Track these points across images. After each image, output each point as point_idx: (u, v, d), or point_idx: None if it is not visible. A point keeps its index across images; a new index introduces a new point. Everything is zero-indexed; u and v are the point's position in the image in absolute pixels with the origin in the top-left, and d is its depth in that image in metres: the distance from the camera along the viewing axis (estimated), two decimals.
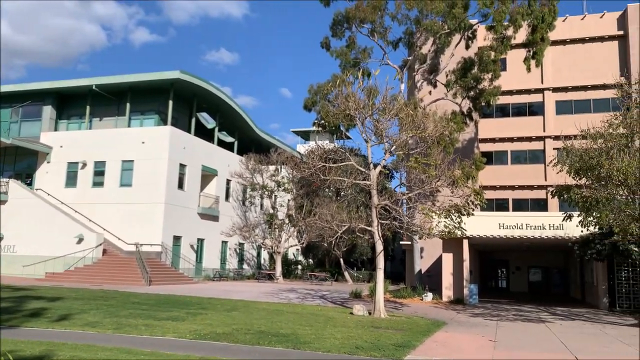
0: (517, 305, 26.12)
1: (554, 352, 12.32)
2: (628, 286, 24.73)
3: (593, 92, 38.80)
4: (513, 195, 40.25)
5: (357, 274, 46.98)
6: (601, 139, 18.45)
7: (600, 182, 17.81)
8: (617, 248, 22.02)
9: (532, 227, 26.35)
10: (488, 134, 41.08)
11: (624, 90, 19.92)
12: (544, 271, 41.02)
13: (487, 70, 31.74)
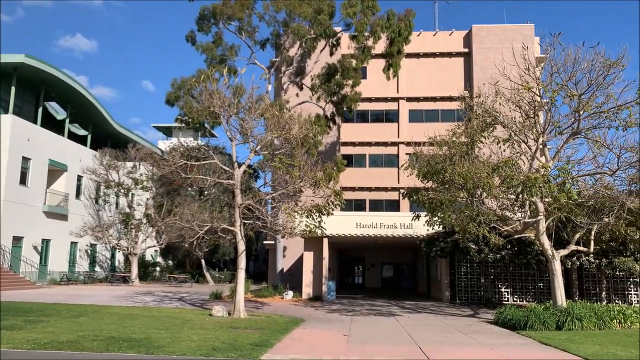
0: (371, 300, 27.64)
1: (401, 344, 13.22)
2: (466, 280, 27.43)
3: (441, 103, 42.43)
4: (370, 196, 42.54)
5: (220, 275, 46.30)
6: (446, 146, 20.23)
7: (444, 185, 19.49)
8: (458, 245, 24.32)
9: (386, 226, 28.07)
10: (349, 138, 42.96)
11: (466, 103, 22.05)
12: (396, 267, 43.96)
13: (349, 77, 33.19)
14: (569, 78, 18.46)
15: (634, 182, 19.26)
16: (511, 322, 17.09)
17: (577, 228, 20.26)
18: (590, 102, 18.06)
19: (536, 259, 24.04)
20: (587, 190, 19.81)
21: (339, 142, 41.98)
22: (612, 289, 25.96)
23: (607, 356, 11.78)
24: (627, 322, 17.53)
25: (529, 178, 17.22)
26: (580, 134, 19.20)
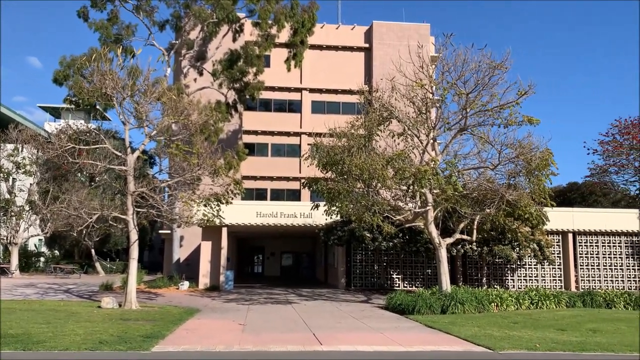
0: (270, 289, 27.78)
1: (296, 331, 13.44)
2: (361, 267, 28.41)
3: (343, 96, 43.32)
4: (272, 185, 42.58)
5: (111, 266, 44.12)
6: (345, 138, 20.74)
7: (343, 176, 20.00)
8: (354, 234, 25.09)
9: (286, 215, 28.28)
10: (252, 127, 42.60)
11: (365, 97, 22.73)
12: (295, 256, 44.49)
13: (252, 64, 32.83)
14: (459, 77, 19.65)
15: (513, 176, 20.97)
16: (401, 307, 17.99)
17: (462, 218, 21.69)
18: (477, 100, 19.36)
19: (425, 247, 25.44)
20: (471, 183, 21.27)
21: (241, 130, 41.52)
22: (492, 274, 28.17)
23: (484, 337, 12.78)
24: (503, 305, 19.13)
25: (420, 170, 18.17)
26: (467, 130, 20.54)
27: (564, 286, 28.10)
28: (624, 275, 28.68)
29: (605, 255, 28.86)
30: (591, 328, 14.67)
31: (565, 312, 18.78)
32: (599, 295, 20.68)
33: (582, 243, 28.87)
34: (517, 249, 25.07)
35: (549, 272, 28.45)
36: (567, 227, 28.30)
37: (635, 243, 28.88)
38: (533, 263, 27.70)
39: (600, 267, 28.74)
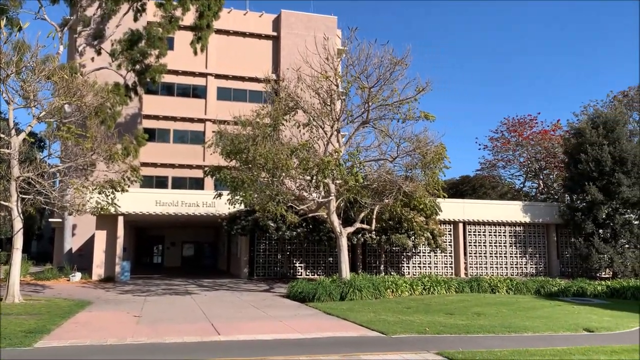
0: (169, 280, 27.00)
1: (194, 322, 13.19)
2: (265, 257, 28.43)
3: (250, 84, 42.81)
4: (174, 173, 41.22)
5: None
6: (250, 127, 20.55)
7: (247, 164, 19.81)
8: (258, 224, 24.99)
9: (188, 204, 27.55)
10: (153, 111, 40.90)
11: (271, 86, 22.64)
12: (197, 246, 43.55)
13: (154, 46, 31.46)
14: (362, 71, 20.17)
15: (410, 168, 21.94)
16: (302, 295, 18.25)
17: (363, 208, 22.38)
18: (378, 95, 20.00)
19: (327, 236, 25.96)
20: (372, 175, 21.98)
21: (141, 114, 39.75)
22: (389, 262, 29.37)
23: (378, 322, 13.31)
24: (398, 291, 20.02)
25: (323, 161, 18.48)
26: (369, 123, 21.17)
27: (454, 273, 29.95)
28: (508, 263, 31.11)
29: (491, 244, 31.11)
30: (476, 312, 15.77)
31: (454, 297, 20.03)
32: (485, 281, 22.25)
33: (471, 232, 30.89)
34: (413, 237, 26.30)
35: (441, 260, 30.17)
36: (458, 217, 30.15)
37: (518, 232, 31.39)
38: (427, 251, 29.20)
39: (487, 255, 30.96)
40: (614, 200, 27.82)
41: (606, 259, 27.45)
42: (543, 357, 9.29)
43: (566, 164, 31.46)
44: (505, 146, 41.96)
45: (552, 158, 38.92)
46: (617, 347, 10.54)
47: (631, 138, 30.15)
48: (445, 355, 9.49)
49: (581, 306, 17.93)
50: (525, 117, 41.40)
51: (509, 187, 45.61)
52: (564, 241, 31.68)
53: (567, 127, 35.16)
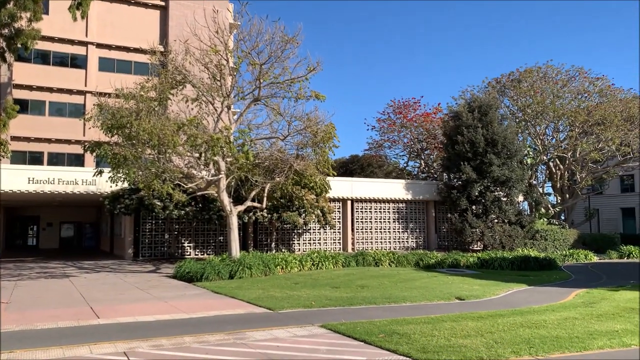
0: (45, 263, 25.13)
1: (71, 306, 12.44)
2: (151, 237, 27.42)
3: (135, 55, 40.44)
4: (50, 148, 38.11)
5: None
6: (133, 100, 19.47)
7: (130, 140, 18.81)
8: (144, 202, 23.99)
9: (65, 182, 25.71)
10: (25, 81, 37.31)
11: (157, 58, 21.58)
12: (77, 226, 40.91)
13: (25, 8, 28.52)
14: (253, 47, 19.90)
15: (301, 147, 22.18)
16: (189, 275, 17.89)
17: (254, 186, 22.31)
18: (270, 72, 19.88)
19: (218, 215, 25.58)
20: (263, 153, 21.93)
21: (12, 83, 36.14)
22: (281, 239, 29.69)
23: (266, 298, 13.45)
24: (288, 268, 20.34)
25: (213, 138, 18.08)
26: (261, 101, 21.02)
27: (342, 248, 31.01)
28: (391, 237, 32.78)
29: (377, 220, 32.56)
30: (361, 284, 16.49)
31: (341, 271, 20.77)
32: (370, 256, 23.31)
33: (358, 209, 32.09)
34: (304, 215, 26.75)
35: (331, 236, 31.08)
36: (347, 195, 31.15)
37: (401, 209, 33.12)
38: (317, 228, 29.91)
39: (373, 231, 32.37)
40: (486, 179, 30.24)
41: (478, 232, 29.88)
42: (418, 324, 9.96)
43: (445, 145, 33.57)
44: (391, 127, 43.79)
45: (433, 139, 41.31)
46: (484, 312, 11.57)
47: (502, 122, 32.78)
48: (328, 327, 9.83)
49: (455, 277, 19.42)
50: (410, 100, 43.43)
51: (394, 166, 47.81)
52: (441, 217, 33.97)
53: (447, 110, 37.46)
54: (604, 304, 12.96)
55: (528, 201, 37.82)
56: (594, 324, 10.15)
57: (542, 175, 41.15)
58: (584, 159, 36.80)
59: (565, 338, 8.84)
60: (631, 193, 45.67)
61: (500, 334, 9.11)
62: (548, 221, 35.20)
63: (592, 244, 34.41)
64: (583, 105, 36.13)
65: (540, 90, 36.16)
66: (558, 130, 38.22)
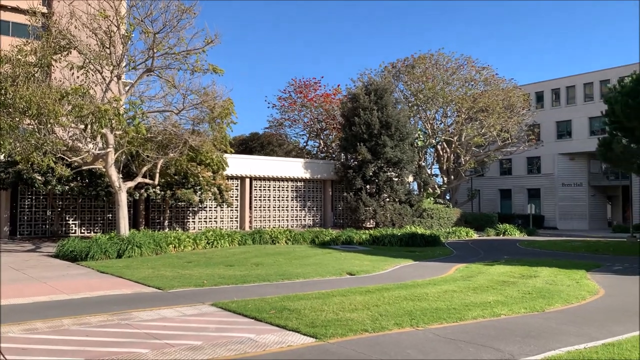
0: None
1: None
2: (30, 213, 25.38)
3: (12, 15, 36.67)
4: None
5: None
6: (9, 64, 17.69)
7: (6, 108, 17.13)
8: (22, 176, 22.10)
9: None
10: None
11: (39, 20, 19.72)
12: None
13: None
14: (147, 15, 18.84)
15: (197, 122, 21.54)
16: (73, 254, 16.83)
17: (146, 162, 21.34)
18: (164, 42, 18.97)
19: (106, 191, 24.17)
20: (156, 127, 21.01)
21: None
22: (175, 217, 28.79)
23: (156, 278, 13.02)
24: (181, 246, 19.83)
25: (100, 109, 16.97)
26: (154, 72, 20.02)
27: (239, 226, 30.75)
28: (289, 215, 33.06)
29: (275, 198, 32.64)
30: (256, 262, 16.50)
31: (237, 249, 20.64)
32: (267, 233, 23.37)
33: (257, 187, 31.94)
34: (199, 192, 26.10)
35: (227, 214, 30.68)
36: (246, 172, 30.85)
37: (299, 187, 33.46)
38: (214, 206, 29.34)
39: (271, 209, 32.43)
40: (380, 160, 31.36)
41: (371, 211, 31.03)
42: (309, 300, 10.16)
43: (343, 125, 34.27)
44: (292, 106, 43.87)
45: (332, 120, 42.02)
46: (372, 287, 12.07)
47: (396, 105, 34.06)
48: (219, 306, 9.73)
49: (348, 253, 20.06)
50: (311, 80, 43.71)
51: (294, 145, 48.07)
52: (338, 195, 34.81)
53: (346, 92, 38.19)
54: (480, 277, 14.05)
55: (417, 181, 39.83)
56: (470, 296, 10.97)
57: (430, 157, 43.48)
58: (469, 143, 39.36)
59: (444, 310, 9.47)
60: (509, 176, 49.76)
61: (385, 307, 9.56)
62: (434, 200, 37.39)
63: (473, 222, 37.10)
64: (470, 92, 38.49)
65: (432, 76, 37.96)
66: (446, 116, 40.45)
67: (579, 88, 45.38)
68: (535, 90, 47.95)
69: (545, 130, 46.72)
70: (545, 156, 46.75)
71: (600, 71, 44.02)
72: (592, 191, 46.01)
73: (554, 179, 46.37)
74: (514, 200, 48.83)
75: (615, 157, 22.73)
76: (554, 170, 46.45)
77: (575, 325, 8.59)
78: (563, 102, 46.47)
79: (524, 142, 41.87)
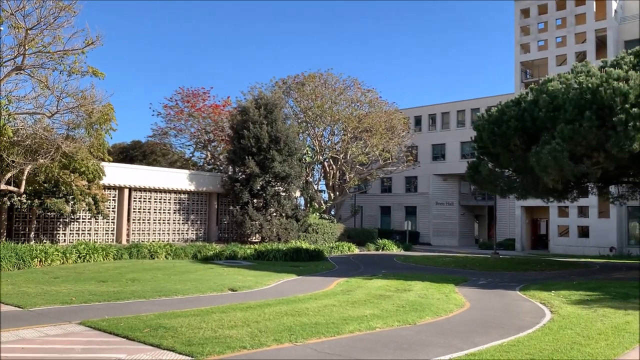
0: None
1: None
2: None
3: None
4: None
5: None
6: None
7: None
8: None
9: None
10: None
11: None
12: None
13: None
14: (19, 8, 17.29)
15: (72, 127, 20.10)
16: None
17: (10, 167, 19.47)
18: (38, 39, 17.54)
19: None
20: (25, 129, 19.28)
21: None
22: (43, 229, 26.47)
23: (17, 295, 11.86)
24: (48, 260, 18.31)
25: None
26: (25, 70, 18.39)
27: (116, 239, 29.03)
28: (171, 229, 31.85)
29: (157, 211, 31.30)
30: (131, 278, 15.65)
31: (111, 264, 19.46)
32: (145, 247, 22.32)
33: (137, 198, 30.42)
34: (72, 202, 24.29)
35: (103, 226, 28.83)
36: (125, 182, 29.26)
37: (183, 200, 32.41)
38: (87, 217, 27.45)
39: (151, 222, 31.03)
40: (268, 174, 31.43)
41: (257, 225, 30.90)
42: (186, 317, 9.83)
43: (232, 138, 33.91)
44: (179, 115, 42.55)
45: (221, 132, 41.41)
46: (253, 303, 11.97)
47: (286, 121, 34.43)
48: (88, 325, 9.08)
49: (231, 268, 19.76)
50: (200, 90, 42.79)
51: (179, 156, 46.62)
52: (224, 209, 34.24)
53: (236, 104, 37.92)
54: (359, 291, 14.52)
55: (304, 196, 40.47)
56: (349, 310, 11.28)
57: (317, 173, 44.46)
58: (353, 161, 40.83)
59: (323, 324, 9.64)
60: (389, 194, 52.31)
61: (265, 323, 9.52)
62: (320, 216, 38.18)
63: (355, 237, 38.42)
64: (355, 113, 40.05)
65: (320, 95, 38.99)
66: (334, 134, 41.69)
67: (453, 114, 49.12)
68: (415, 114, 51.10)
69: (422, 152, 49.85)
70: (421, 176, 49.80)
71: (471, 100, 48.04)
72: (462, 210, 49.78)
73: (429, 197, 49.51)
74: (393, 217, 51.35)
75: (481, 180, 24.76)
76: (429, 189, 49.61)
77: (443, 336, 9.16)
78: (439, 127, 49.96)
79: (403, 163, 44.32)
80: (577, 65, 22.59)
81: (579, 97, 18.52)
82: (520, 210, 42.07)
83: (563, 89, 19.38)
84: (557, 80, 20.63)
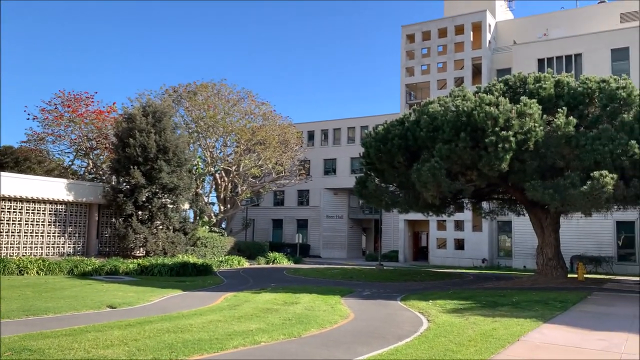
0: None
1: None
2: None
3: None
4: None
5: None
6: None
7: None
8: None
9: None
10: None
11: None
12: None
13: None
14: None
15: None
16: None
17: None
18: None
19: None
20: None
21: None
22: None
23: None
24: None
25: None
26: None
27: None
28: (45, 242, 29.40)
29: (28, 222, 28.78)
30: None
31: None
32: (13, 263, 20.45)
33: (5, 209, 27.77)
34: None
35: None
36: None
37: (59, 211, 30.10)
38: None
39: (22, 234, 28.45)
40: (155, 185, 30.20)
41: (142, 239, 29.50)
42: (57, 338, 9.12)
43: (116, 146, 32.20)
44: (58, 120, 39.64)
45: (105, 139, 39.19)
46: (133, 320, 11.39)
47: (175, 130, 33.41)
48: None
49: (111, 284, 18.67)
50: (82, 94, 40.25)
51: (57, 164, 43.34)
52: (105, 221, 32.31)
53: (122, 111, 36.12)
54: (246, 305, 14.38)
55: (193, 209, 39.39)
56: (234, 325, 11.12)
57: (208, 185, 43.55)
58: (246, 174, 40.58)
59: (206, 340, 9.41)
60: (281, 207, 52.60)
61: (144, 341, 9.10)
62: (210, 229, 37.37)
63: (246, 250, 38.05)
64: (249, 125, 39.92)
65: (213, 105, 38.39)
66: (226, 145, 41.18)
67: (344, 131, 50.75)
68: (308, 129, 52.07)
69: (315, 166, 50.86)
70: (313, 190, 50.73)
71: (361, 118, 49.97)
72: (351, 223, 51.37)
73: (320, 211, 50.50)
74: (285, 230, 51.67)
75: (368, 194, 25.76)
76: (320, 203, 50.63)
77: (327, 348, 9.34)
78: (330, 142, 51.33)
79: (296, 176, 44.87)
80: (455, 89, 24.45)
81: (455, 119, 19.99)
82: (404, 224, 44.28)
83: (442, 111, 20.82)
84: (437, 103, 22.13)
